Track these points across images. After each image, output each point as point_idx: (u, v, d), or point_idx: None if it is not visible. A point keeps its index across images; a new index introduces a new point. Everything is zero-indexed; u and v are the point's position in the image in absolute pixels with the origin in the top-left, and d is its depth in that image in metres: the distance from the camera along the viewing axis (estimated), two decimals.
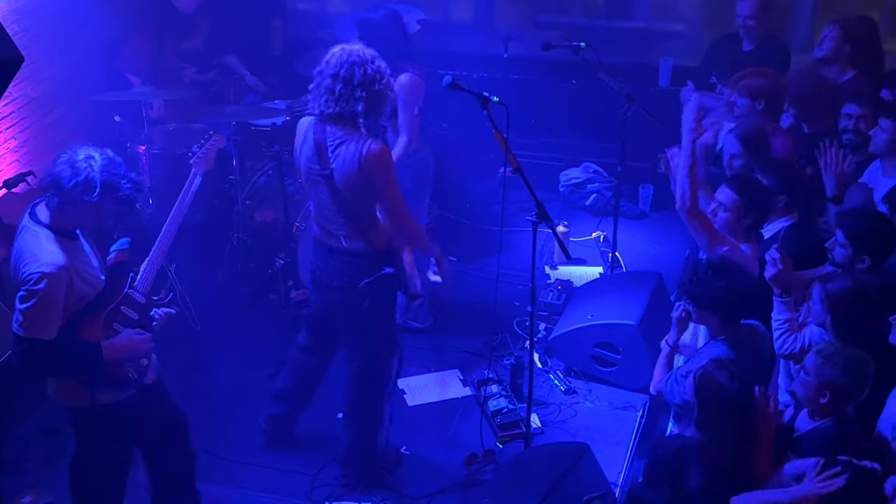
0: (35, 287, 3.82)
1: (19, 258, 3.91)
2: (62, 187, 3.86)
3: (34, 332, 3.87)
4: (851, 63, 6.20)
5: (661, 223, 7.51)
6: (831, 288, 4.38)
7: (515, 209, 7.29)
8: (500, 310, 6.18)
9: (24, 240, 3.94)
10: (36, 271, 3.83)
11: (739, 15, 6.68)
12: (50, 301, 3.86)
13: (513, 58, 7.53)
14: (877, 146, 5.31)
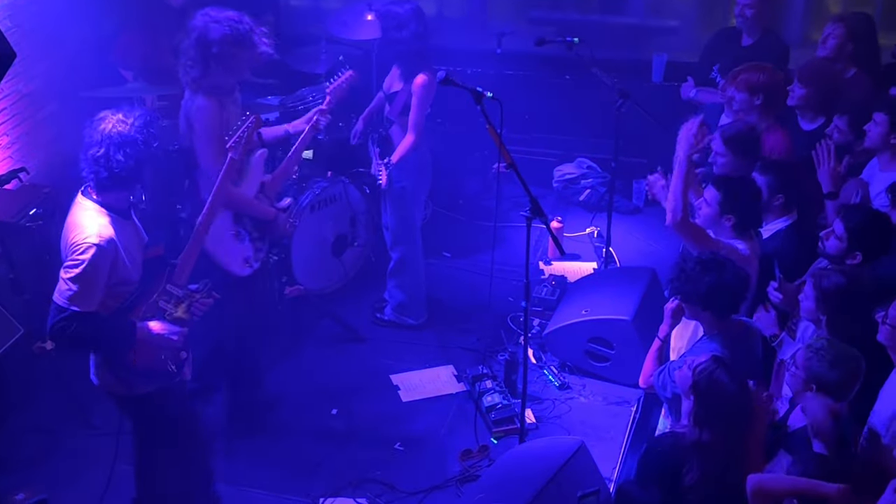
0: (82, 256, 3.90)
1: (68, 230, 3.99)
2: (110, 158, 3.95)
3: (76, 302, 3.92)
4: (853, 61, 6.20)
5: (656, 218, 7.48)
6: (826, 284, 4.38)
7: (509, 204, 7.28)
8: (494, 305, 6.19)
9: (73, 214, 4.04)
10: (83, 241, 3.91)
11: (738, 4, 6.64)
12: (95, 272, 3.93)
13: (506, 53, 7.52)
14: (871, 140, 5.31)
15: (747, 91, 5.71)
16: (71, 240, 3.95)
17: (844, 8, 7.57)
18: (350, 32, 7.14)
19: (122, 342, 4.08)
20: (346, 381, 5.97)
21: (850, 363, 4.01)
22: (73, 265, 3.92)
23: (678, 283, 4.52)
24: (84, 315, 3.95)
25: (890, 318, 4.08)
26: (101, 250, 3.92)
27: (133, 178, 4.07)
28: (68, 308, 3.93)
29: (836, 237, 4.70)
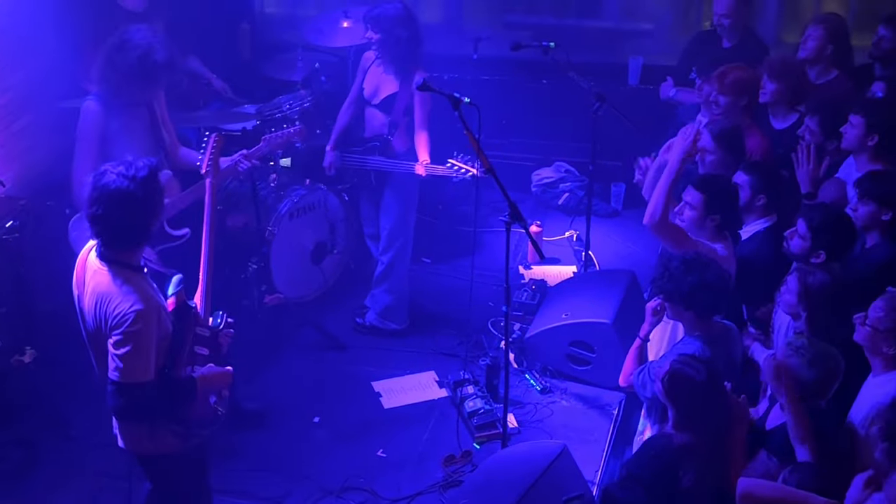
0: (132, 328, 3.67)
1: (103, 301, 3.74)
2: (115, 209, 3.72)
3: (135, 375, 3.71)
4: (833, 63, 6.24)
5: (634, 221, 7.51)
6: (811, 282, 4.40)
7: (488, 209, 7.27)
8: (475, 310, 6.18)
9: (99, 282, 3.78)
10: (131, 311, 3.68)
11: (715, 13, 6.66)
12: (147, 339, 3.72)
13: (483, 58, 7.53)
14: (848, 142, 5.35)
15: (734, 93, 5.73)
16: (114, 311, 3.70)
17: (818, 10, 7.61)
18: (326, 40, 7.15)
19: (189, 399, 3.92)
20: (327, 388, 5.96)
21: (829, 362, 4.04)
22: (125, 339, 3.68)
23: (662, 281, 4.54)
24: (145, 385, 3.74)
25: (870, 319, 4.10)
26: (147, 315, 3.71)
27: (140, 235, 3.83)
28: (132, 384, 3.72)
29: (800, 236, 4.75)
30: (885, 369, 4.13)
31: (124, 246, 3.80)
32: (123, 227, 3.75)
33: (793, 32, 7.60)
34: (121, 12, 6.73)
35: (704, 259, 4.55)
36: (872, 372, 4.19)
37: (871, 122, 5.25)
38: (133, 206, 3.72)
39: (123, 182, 3.71)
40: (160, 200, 3.85)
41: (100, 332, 3.79)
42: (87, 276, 3.85)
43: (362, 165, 6.23)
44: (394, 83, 6.03)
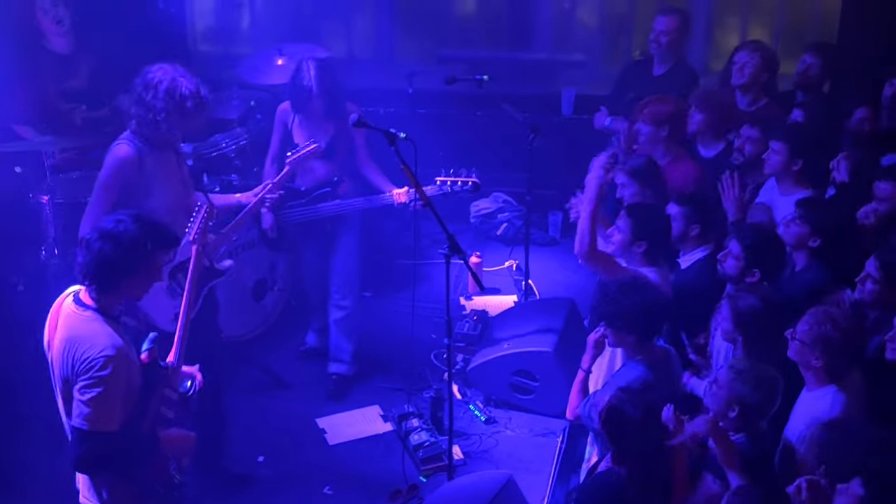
0: (100, 373, 3.61)
1: (73, 346, 3.68)
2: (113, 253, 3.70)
3: (100, 423, 3.64)
4: (765, 90, 6.38)
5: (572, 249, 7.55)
6: (742, 306, 4.49)
7: (428, 242, 7.31)
8: (417, 343, 6.20)
9: (72, 327, 3.72)
10: (100, 356, 3.63)
11: (654, 30, 6.76)
12: (115, 387, 3.64)
13: (418, 92, 7.58)
14: (772, 167, 5.50)
15: (653, 123, 5.85)
16: (82, 355, 3.64)
17: (743, 38, 7.79)
18: (261, 77, 7.15)
19: (150, 458, 3.84)
20: (271, 427, 5.91)
21: (770, 383, 4.12)
22: (93, 384, 3.62)
23: (602, 307, 4.59)
24: (110, 436, 3.67)
25: (798, 333, 4.21)
26: (118, 362, 3.65)
27: (121, 280, 3.78)
28: (95, 432, 3.64)
29: (734, 257, 4.86)
30: (817, 383, 4.23)
31: (105, 288, 3.76)
32: (108, 267, 3.71)
33: (719, 61, 7.78)
34: (47, 54, 6.69)
35: (641, 282, 4.63)
36: (806, 387, 4.29)
37: (794, 148, 5.41)
38: (123, 246, 3.71)
39: (120, 225, 3.75)
40: (147, 255, 3.80)
41: (68, 379, 3.73)
42: (59, 321, 3.80)
43: (314, 216, 6.06)
44: (330, 128, 6.02)
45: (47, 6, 6.57)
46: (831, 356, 4.17)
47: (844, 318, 4.23)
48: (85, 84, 6.71)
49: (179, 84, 4.92)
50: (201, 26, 8.77)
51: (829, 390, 4.18)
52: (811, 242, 4.93)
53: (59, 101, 6.74)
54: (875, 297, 4.54)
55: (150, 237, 3.78)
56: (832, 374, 4.20)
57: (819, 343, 4.16)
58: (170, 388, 3.98)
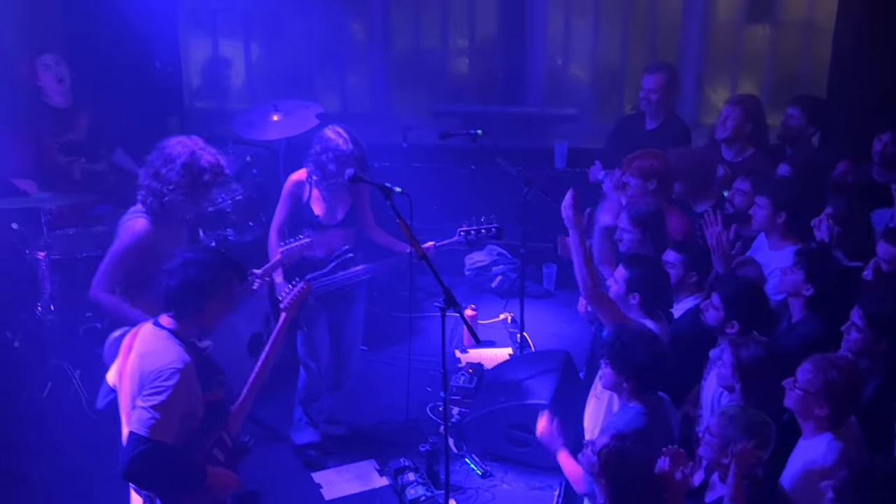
0: (166, 382, 3.80)
1: (143, 359, 3.88)
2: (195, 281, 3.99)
3: (156, 431, 3.77)
4: (751, 141, 6.46)
5: (567, 302, 7.64)
6: (745, 354, 4.50)
7: (423, 294, 7.34)
8: (413, 396, 6.19)
9: (147, 343, 3.95)
10: (168, 367, 3.83)
11: (644, 88, 6.87)
12: (177, 399, 3.82)
13: (413, 146, 7.65)
14: (759, 223, 5.57)
15: (641, 177, 5.91)
16: (151, 367, 3.84)
17: (734, 92, 7.90)
18: (256, 133, 7.20)
19: (195, 484, 3.92)
20: (266, 481, 5.87)
21: (762, 428, 4.12)
22: (156, 392, 3.79)
23: (613, 349, 4.59)
24: (164, 447, 3.78)
25: (799, 382, 4.21)
26: (184, 376, 3.82)
27: (200, 305, 4.05)
28: (150, 438, 3.76)
29: (714, 307, 4.89)
30: (816, 431, 4.23)
31: (186, 313, 4.01)
32: (193, 291, 3.98)
33: (710, 115, 7.87)
34: (46, 109, 6.76)
35: (650, 334, 4.66)
36: (803, 435, 4.28)
37: (777, 201, 5.48)
38: (207, 271, 4.01)
39: (203, 254, 4.11)
40: (228, 279, 4.10)
41: (134, 396, 3.88)
42: (135, 342, 4.00)
43: (332, 286, 5.90)
44: (348, 198, 5.98)
45: (50, 64, 6.66)
46: (835, 404, 4.18)
47: (847, 365, 4.25)
48: (84, 137, 6.79)
49: (199, 157, 5.03)
50: (196, 83, 8.85)
51: (824, 438, 4.19)
52: (804, 291, 4.97)
53: (58, 155, 6.80)
54: (860, 347, 4.58)
55: (229, 265, 4.10)
56: (834, 422, 4.20)
57: (823, 391, 4.17)
58: (227, 433, 4.13)
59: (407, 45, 8.63)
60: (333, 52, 8.52)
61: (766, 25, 8.06)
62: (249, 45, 8.74)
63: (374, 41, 8.59)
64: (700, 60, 8.22)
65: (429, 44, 8.58)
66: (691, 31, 8.11)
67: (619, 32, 8.24)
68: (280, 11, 8.40)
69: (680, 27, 8.14)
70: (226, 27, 8.71)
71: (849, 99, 7.17)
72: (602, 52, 8.37)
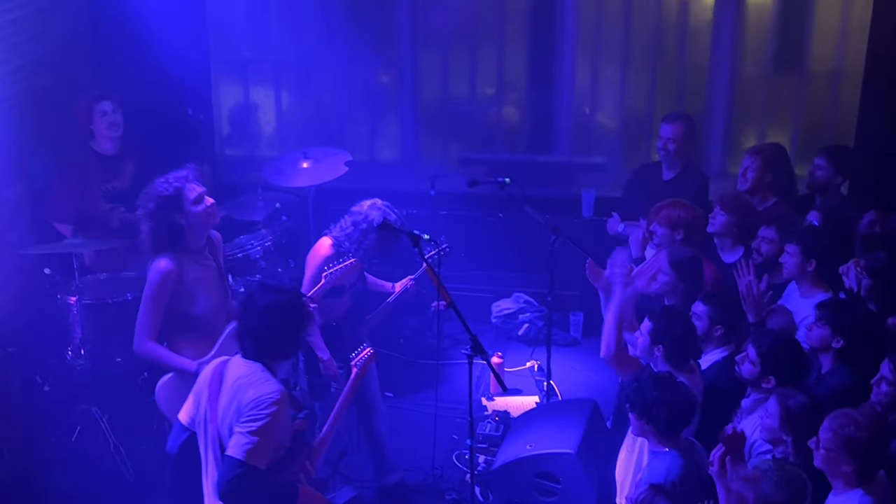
0: (266, 410, 3.99)
1: (242, 389, 4.05)
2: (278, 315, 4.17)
3: (253, 457, 3.97)
4: (772, 190, 6.46)
5: (594, 350, 7.53)
6: (793, 404, 4.44)
7: (450, 342, 7.34)
8: (439, 444, 6.17)
9: (240, 373, 4.12)
10: (267, 395, 4.02)
11: (661, 137, 6.89)
12: (274, 428, 4.01)
13: (440, 194, 7.68)
14: (789, 271, 5.55)
15: (668, 226, 5.91)
16: (250, 396, 4.03)
17: (761, 141, 7.90)
18: (286, 180, 7.26)
19: (288, 501, 4.14)
20: None
21: (797, 483, 4.06)
22: (255, 419, 3.99)
23: (629, 390, 4.59)
24: (259, 472, 3.97)
25: (823, 441, 4.17)
26: (281, 406, 4.01)
27: (286, 347, 4.28)
28: (246, 463, 3.96)
29: (750, 361, 4.86)
30: (845, 487, 4.17)
31: (271, 356, 4.20)
32: (272, 338, 4.16)
33: (737, 164, 7.86)
34: (94, 155, 6.86)
35: (672, 379, 4.63)
36: (833, 491, 4.23)
37: (806, 249, 5.47)
38: (283, 316, 4.17)
39: (273, 294, 4.20)
40: (307, 312, 4.31)
41: (230, 424, 4.06)
42: (226, 374, 4.17)
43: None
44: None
45: (107, 110, 6.75)
46: (860, 460, 4.12)
47: (868, 420, 4.20)
48: (128, 186, 6.87)
49: (185, 190, 5.17)
50: (226, 130, 8.95)
51: (855, 494, 4.13)
52: (834, 344, 4.93)
53: (100, 202, 6.88)
54: (891, 400, 4.52)
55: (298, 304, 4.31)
56: (862, 477, 4.14)
57: (846, 448, 4.12)
58: (310, 464, 4.29)
59: (435, 93, 8.69)
60: (362, 100, 8.60)
61: (794, 75, 8.07)
62: (280, 92, 8.85)
63: (402, 89, 8.67)
64: (728, 109, 8.23)
65: (457, 92, 8.65)
66: (719, 80, 8.13)
67: (646, 81, 8.27)
68: (310, 60, 8.51)
69: (708, 76, 8.16)
70: (257, 75, 8.83)
71: (877, 148, 7.15)
72: (630, 101, 8.40)
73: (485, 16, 8.39)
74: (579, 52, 8.33)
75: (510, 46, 8.48)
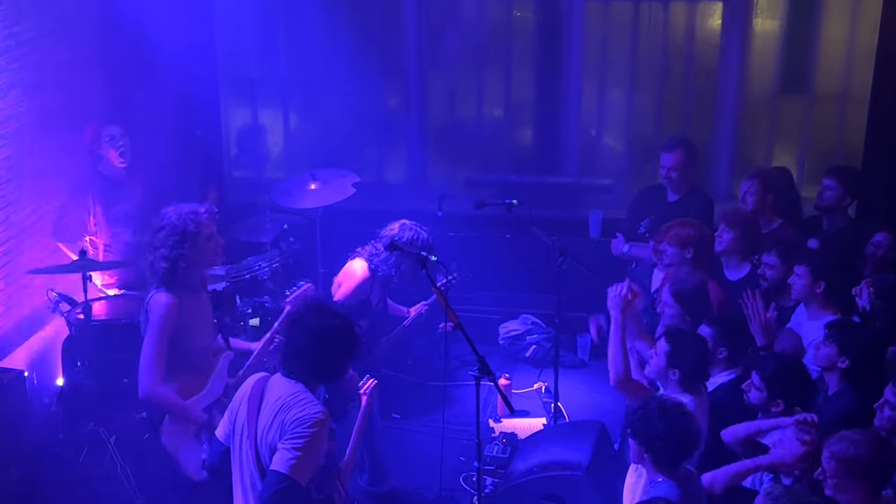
0: (310, 429, 4.07)
1: (285, 407, 4.11)
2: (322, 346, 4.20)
3: (296, 472, 4.04)
4: (776, 212, 6.46)
5: (601, 371, 7.52)
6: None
7: (457, 363, 7.33)
8: (447, 466, 6.15)
9: (283, 394, 4.17)
10: (313, 415, 4.09)
11: (663, 166, 6.92)
12: (317, 445, 4.10)
13: (448, 215, 7.69)
14: (797, 292, 5.54)
15: (678, 245, 5.92)
16: (296, 415, 4.09)
17: (768, 163, 7.92)
18: (294, 201, 7.29)
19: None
20: None
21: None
22: (300, 435, 4.06)
23: (633, 416, 4.57)
24: (300, 487, 4.05)
25: (828, 471, 4.14)
26: (323, 427, 4.10)
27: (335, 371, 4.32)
28: (290, 477, 4.03)
29: (756, 388, 4.84)
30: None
31: (315, 379, 4.28)
32: (320, 362, 4.22)
33: None
34: (103, 179, 6.88)
35: (677, 409, 4.60)
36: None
37: (816, 270, 5.47)
38: (334, 342, 4.22)
39: (326, 319, 4.24)
40: (358, 340, 4.31)
41: (272, 442, 4.11)
42: (267, 392, 4.21)
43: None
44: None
45: (115, 135, 6.79)
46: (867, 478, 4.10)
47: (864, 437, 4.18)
48: (134, 209, 6.90)
49: (187, 223, 5.13)
50: (235, 152, 8.99)
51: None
52: (840, 364, 4.92)
53: (105, 225, 6.91)
54: (894, 425, 4.50)
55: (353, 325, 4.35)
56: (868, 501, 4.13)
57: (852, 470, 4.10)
58: (341, 483, 4.39)
59: (443, 115, 8.73)
60: (370, 122, 8.64)
61: (801, 97, 8.09)
62: (288, 114, 8.88)
63: (410, 111, 8.71)
64: (735, 132, 8.25)
65: (464, 114, 8.68)
66: (726, 102, 8.16)
67: (653, 103, 8.30)
68: (318, 81, 8.55)
69: (714, 98, 8.19)
70: (265, 97, 8.87)
71: (885, 169, 7.15)
72: (636, 123, 8.43)
73: (492, 38, 8.44)
74: (586, 75, 8.38)
75: (517, 68, 8.53)
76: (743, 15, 7.96)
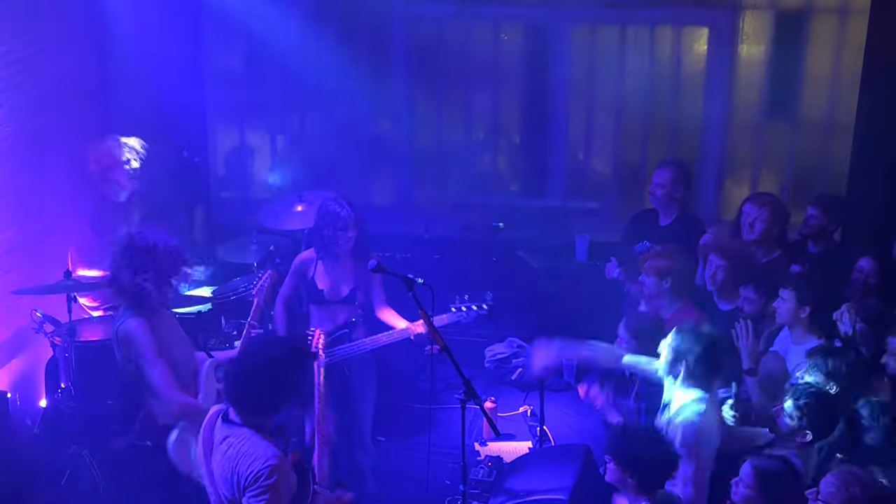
0: (268, 481, 3.85)
1: (237, 463, 3.90)
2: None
3: None
4: (777, 243, 6.49)
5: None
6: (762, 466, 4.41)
7: (443, 386, 7.31)
8: (432, 489, 6.13)
9: (231, 445, 3.95)
10: (265, 466, 3.86)
11: (652, 182, 6.94)
12: (283, 493, 3.90)
13: (434, 238, 7.70)
14: (782, 316, 5.56)
15: (656, 275, 5.95)
16: (249, 470, 3.88)
17: (754, 189, 7.94)
18: (280, 223, 7.29)
19: None
20: None
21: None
22: (261, 492, 3.86)
23: (618, 441, 4.57)
24: None
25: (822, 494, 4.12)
26: (281, 469, 3.90)
27: (279, 401, 4.05)
28: None
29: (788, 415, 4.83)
30: None
31: (259, 413, 4.01)
32: (261, 392, 3.97)
33: (730, 211, 7.90)
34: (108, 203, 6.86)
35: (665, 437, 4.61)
36: None
37: (801, 296, 5.49)
38: (275, 371, 3.97)
39: (269, 347, 4.10)
40: (305, 369, 4.17)
41: (234, 496, 3.95)
42: (215, 442, 4.02)
43: (330, 360, 5.92)
44: (351, 277, 6.12)
45: (129, 160, 6.77)
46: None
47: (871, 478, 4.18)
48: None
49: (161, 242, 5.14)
50: (221, 172, 8.98)
51: None
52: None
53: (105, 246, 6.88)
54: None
55: (303, 354, 4.22)
56: None
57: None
58: (320, 485, 4.28)
59: (430, 138, 8.74)
60: (357, 144, 8.64)
61: (787, 123, 8.13)
62: (275, 136, 8.88)
63: (397, 133, 8.71)
64: (721, 157, 8.29)
65: (452, 137, 8.69)
66: (712, 127, 8.20)
67: (640, 128, 8.33)
68: (305, 104, 8.56)
69: (701, 123, 8.22)
70: (252, 119, 8.87)
71: (869, 195, 7.19)
72: (623, 147, 8.46)
73: (479, 62, 8.46)
74: (572, 99, 8.40)
75: (504, 92, 8.55)
76: (729, 40, 8.00)
